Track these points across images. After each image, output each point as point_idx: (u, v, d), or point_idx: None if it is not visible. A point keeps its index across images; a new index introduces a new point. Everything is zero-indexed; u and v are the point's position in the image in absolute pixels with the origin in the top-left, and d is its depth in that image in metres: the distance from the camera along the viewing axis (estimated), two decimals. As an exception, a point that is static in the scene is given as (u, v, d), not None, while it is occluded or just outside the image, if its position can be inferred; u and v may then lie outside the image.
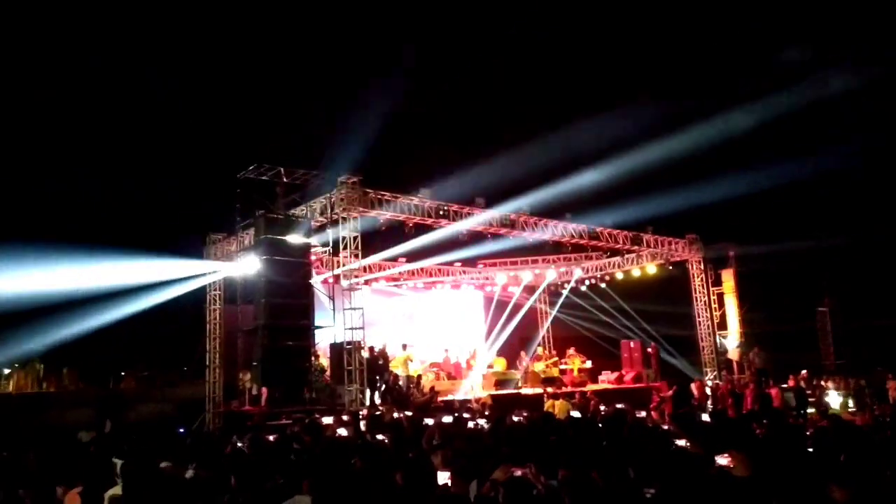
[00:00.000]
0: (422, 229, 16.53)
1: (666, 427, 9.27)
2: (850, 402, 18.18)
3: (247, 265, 16.43)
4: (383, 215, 15.49)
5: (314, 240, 15.87)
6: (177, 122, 25.77)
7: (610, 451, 6.18)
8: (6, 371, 21.97)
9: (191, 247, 18.95)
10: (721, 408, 15.68)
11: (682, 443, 5.28)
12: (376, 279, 21.75)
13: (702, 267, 22.25)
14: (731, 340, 22.37)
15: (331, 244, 15.88)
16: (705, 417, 10.49)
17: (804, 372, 18.82)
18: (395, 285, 22.60)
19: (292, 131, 27.11)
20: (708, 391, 18.10)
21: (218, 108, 26.55)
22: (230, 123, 27.02)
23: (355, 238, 15.09)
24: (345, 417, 11.13)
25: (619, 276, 23.54)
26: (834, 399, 18.67)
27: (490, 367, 20.83)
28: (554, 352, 23.64)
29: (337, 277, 16.36)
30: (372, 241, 17.04)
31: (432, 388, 17.38)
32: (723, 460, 4.87)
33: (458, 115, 28.63)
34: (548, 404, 14.77)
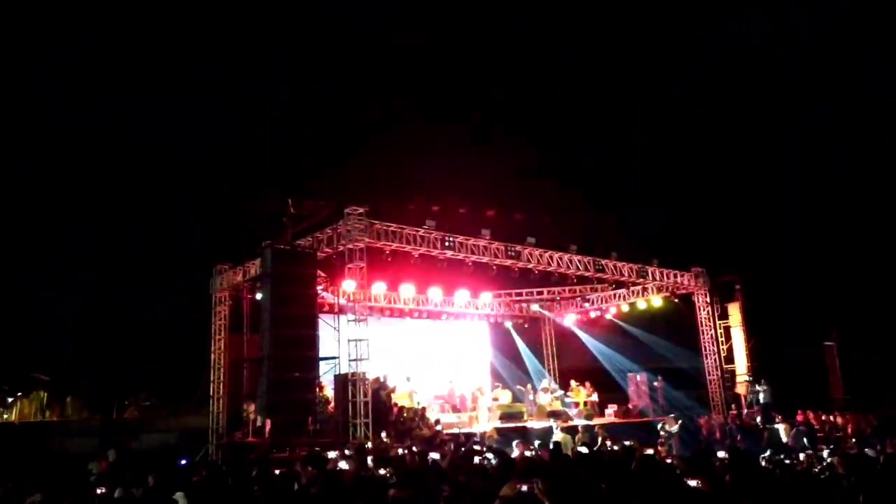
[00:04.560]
0: (427, 260, 16.55)
1: (670, 462, 9.17)
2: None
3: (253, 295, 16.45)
4: (389, 246, 15.53)
5: (320, 271, 15.90)
6: (186, 153, 26.00)
7: (618, 488, 6.10)
8: (10, 399, 21.93)
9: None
10: (730, 443, 15.51)
11: (693, 482, 5.22)
12: (381, 310, 21.71)
13: (708, 300, 22.19)
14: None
15: (336, 275, 15.92)
16: (720, 454, 10.33)
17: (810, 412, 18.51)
18: (400, 317, 22.53)
19: (300, 162, 27.29)
20: (715, 426, 17.91)
21: (227, 138, 26.81)
22: (238, 154, 27.23)
23: (361, 269, 15.12)
24: (347, 452, 11.02)
25: (625, 308, 23.47)
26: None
27: (495, 399, 20.66)
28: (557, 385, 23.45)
29: (342, 308, 16.35)
30: (378, 272, 17.05)
31: (437, 422, 17.22)
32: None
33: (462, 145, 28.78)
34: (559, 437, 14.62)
